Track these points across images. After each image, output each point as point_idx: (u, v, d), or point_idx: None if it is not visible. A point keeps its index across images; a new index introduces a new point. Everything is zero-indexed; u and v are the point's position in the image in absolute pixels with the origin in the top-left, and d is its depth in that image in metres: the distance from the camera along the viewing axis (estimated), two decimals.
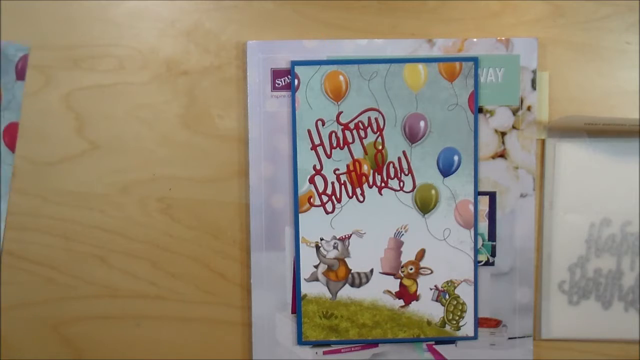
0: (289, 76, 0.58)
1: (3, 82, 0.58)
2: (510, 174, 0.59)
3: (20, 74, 0.58)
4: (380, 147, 0.59)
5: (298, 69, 0.58)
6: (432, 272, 0.59)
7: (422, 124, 0.58)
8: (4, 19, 0.58)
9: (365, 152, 0.59)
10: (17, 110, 0.58)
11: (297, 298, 0.59)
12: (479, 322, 0.60)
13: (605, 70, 0.59)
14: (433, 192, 0.59)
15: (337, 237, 0.59)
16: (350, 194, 0.59)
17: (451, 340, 0.60)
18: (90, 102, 0.59)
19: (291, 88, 0.58)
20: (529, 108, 0.59)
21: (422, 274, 0.60)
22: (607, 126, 0.57)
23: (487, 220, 0.59)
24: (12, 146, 0.58)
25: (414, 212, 0.59)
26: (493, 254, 0.60)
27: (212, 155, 0.59)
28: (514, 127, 0.59)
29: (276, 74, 0.58)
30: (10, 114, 0.58)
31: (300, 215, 0.59)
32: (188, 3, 0.58)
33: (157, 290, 0.60)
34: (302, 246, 0.59)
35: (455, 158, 0.59)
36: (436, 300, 0.60)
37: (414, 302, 0.60)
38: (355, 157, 0.59)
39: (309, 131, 0.58)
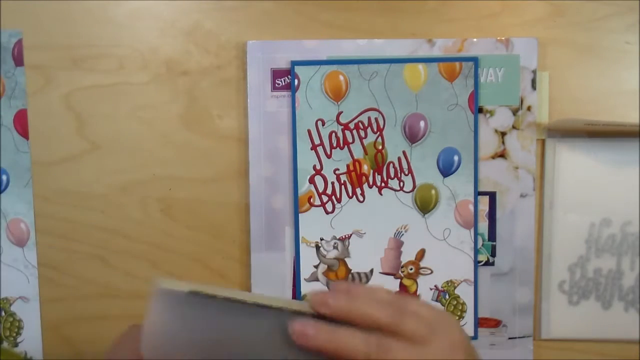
0: (289, 76, 0.58)
1: (3, 71, 0.58)
2: (510, 174, 0.59)
3: (18, 60, 0.58)
4: (380, 147, 0.59)
5: (298, 69, 0.58)
6: (432, 272, 0.59)
7: (422, 124, 0.58)
8: (3, 19, 0.58)
9: (365, 152, 0.59)
10: (23, 97, 0.58)
11: (297, 298, 0.59)
12: (479, 322, 0.60)
13: (605, 70, 0.59)
14: (433, 192, 0.59)
15: (337, 237, 0.59)
16: (350, 194, 0.59)
17: None
18: (90, 102, 0.59)
19: (291, 88, 0.58)
20: (529, 108, 0.59)
21: (422, 274, 0.60)
22: (607, 127, 0.57)
23: (487, 220, 0.59)
24: (25, 133, 0.58)
25: (414, 212, 0.59)
26: (493, 254, 0.60)
27: (212, 155, 0.59)
28: (514, 127, 0.59)
29: (276, 74, 0.58)
30: (17, 102, 0.58)
31: (300, 215, 0.59)
32: (188, 3, 0.58)
33: None
34: (302, 246, 0.59)
35: (455, 158, 0.59)
36: (436, 300, 0.60)
37: None
38: (355, 157, 0.59)
39: (309, 131, 0.58)
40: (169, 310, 0.37)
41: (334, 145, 0.58)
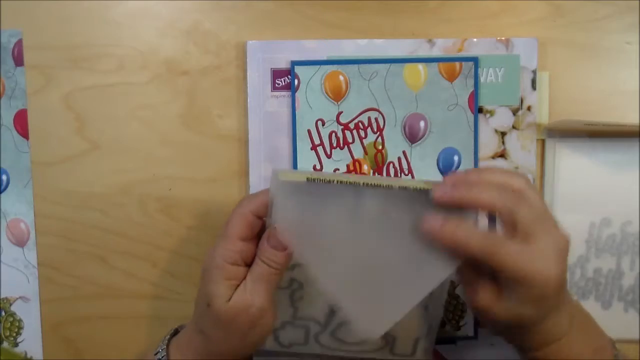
0: (289, 76, 0.58)
1: (3, 71, 0.58)
2: None
3: (19, 60, 0.58)
4: (380, 147, 0.59)
5: (298, 69, 0.58)
6: None
7: (422, 124, 0.58)
8: (3, 19, 0.58)
9: (365, 152, 0.59)
10: (23, 97, 0.58)
11: None
12: (479, 322, 0.60)
13: (605, 70, 0.59)
14: None
15: None
16: None
17: (451, 340, 0.60)
18: (90, 102, 0.59)
19: (291, 88, 0.58)
20: (529, 108, 0.59)
21: None
22: (607, 127, 0.57)
23: (487, 220, 0.59)
24: (25, 133, 0.58)
25: None
26: None
27: (212, 155, 0.59)
28: (514, 127, 0.59)
29: (276, 74, 0.58)
30: (17, 102, 0.58)
31: None
32: (188, 3, 0.58)
33: (157, 290, 0.60)
34: None
35: (455, 158, 0.59)
36: None
37: None
38: (355, 157, 0.59)
39: (309, 131, 0.58)
40: (291, 197, 0.44)
41: (334, 145, 0.58)
